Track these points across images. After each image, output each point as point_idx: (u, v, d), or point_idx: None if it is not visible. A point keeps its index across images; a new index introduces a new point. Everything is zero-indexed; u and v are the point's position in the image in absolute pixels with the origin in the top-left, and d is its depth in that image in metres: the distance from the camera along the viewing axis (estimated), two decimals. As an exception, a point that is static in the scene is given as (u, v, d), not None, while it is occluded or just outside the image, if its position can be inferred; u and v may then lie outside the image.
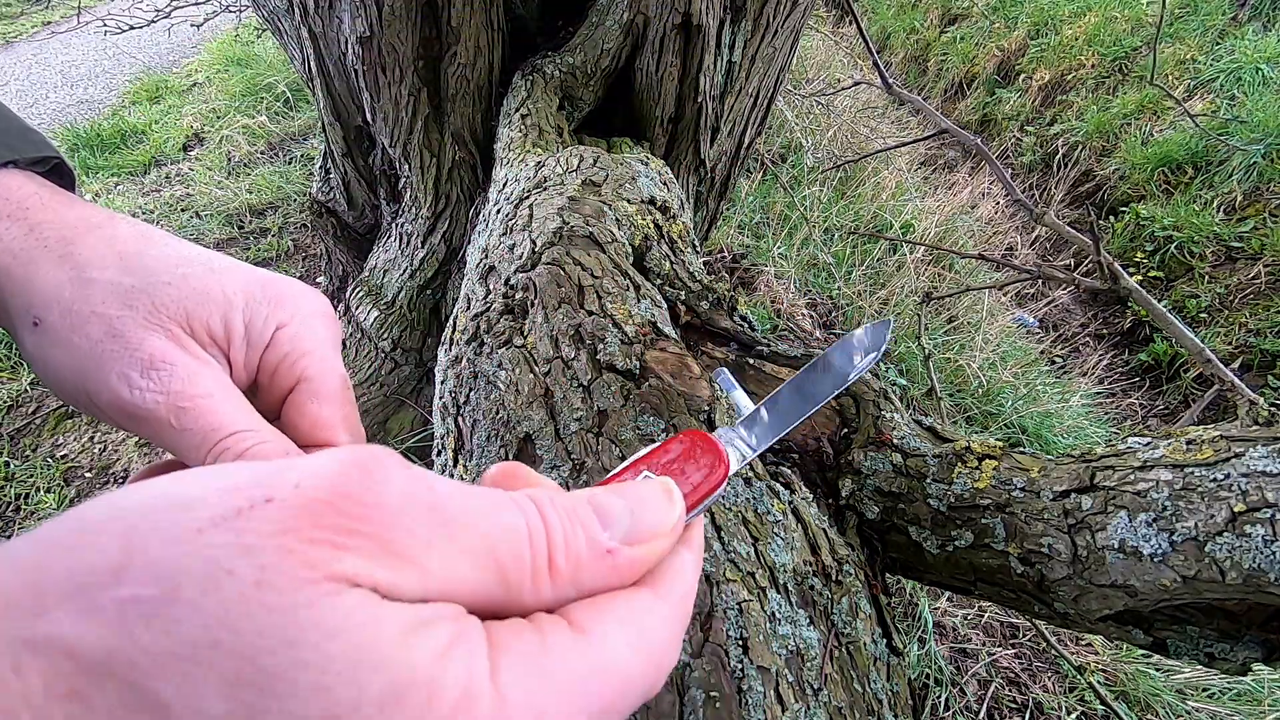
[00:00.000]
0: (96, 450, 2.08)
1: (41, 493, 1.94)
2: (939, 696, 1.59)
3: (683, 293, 0.86)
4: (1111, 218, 4.19)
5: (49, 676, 0.14)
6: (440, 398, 0.76)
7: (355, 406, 0.35)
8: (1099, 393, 3.23)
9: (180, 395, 0.29)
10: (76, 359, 0.29)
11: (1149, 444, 0.59)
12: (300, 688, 0.15)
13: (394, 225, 1.81)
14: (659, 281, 0.86)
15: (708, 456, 0.27)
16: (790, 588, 0.56)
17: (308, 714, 0.15)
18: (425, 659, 0.16)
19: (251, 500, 0.16)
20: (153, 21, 3.43)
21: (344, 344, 1.98)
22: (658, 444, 0.28)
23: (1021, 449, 0.68)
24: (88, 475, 2.02)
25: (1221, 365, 1.16)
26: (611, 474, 0.26)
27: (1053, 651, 1.64)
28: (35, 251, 0.30)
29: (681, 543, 0.25)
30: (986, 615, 1.82)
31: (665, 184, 1.06)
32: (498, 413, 0.67)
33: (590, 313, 0.71)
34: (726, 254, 2.92)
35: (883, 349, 0.32)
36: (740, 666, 0.49)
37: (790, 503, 0.63)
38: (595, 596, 0.21)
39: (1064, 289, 3.85)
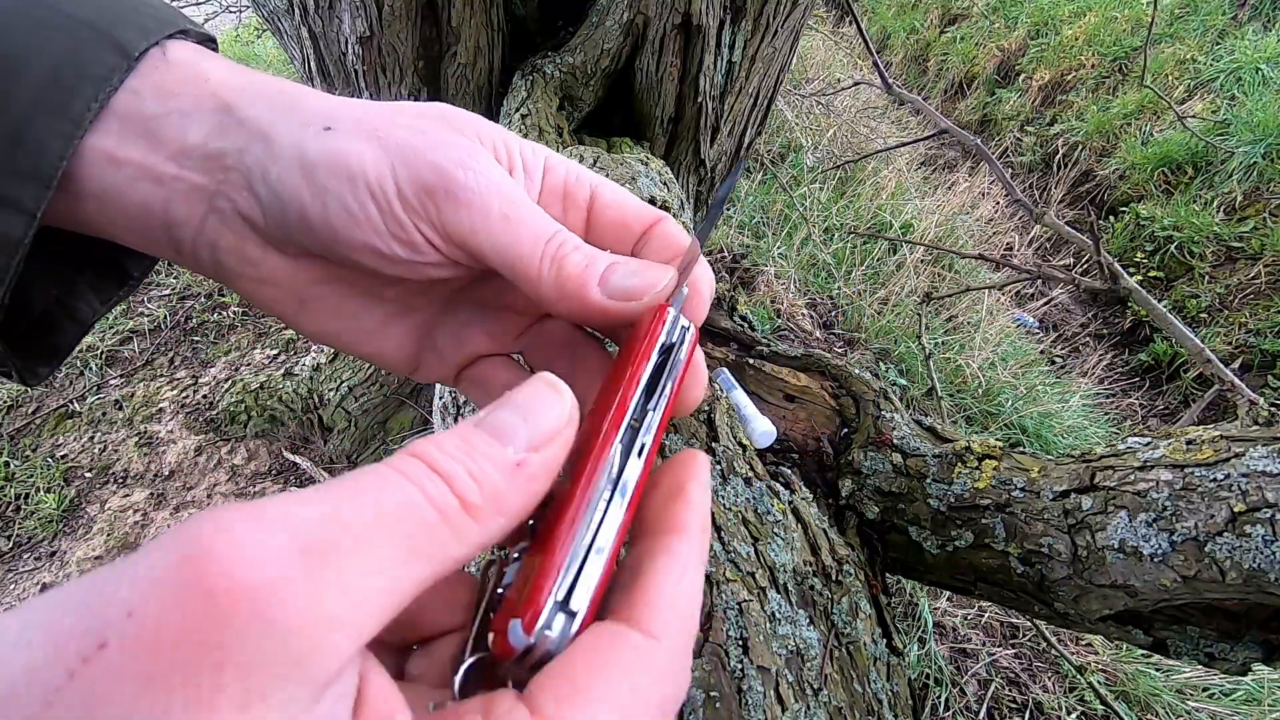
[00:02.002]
0: (96, 450, 2.08)
1: (41, 493, 1.94)
2: (939, 696, 1.59)
3: (683, 293, 0.86)
4: (1111, 218, 4.19)
5: None
6: (440, 398, 0.76)
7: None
8: (1099, 393, 3.23)
9: (510, 191, 0.25)
10: (381, 149, 0.25)
11: (1149, 444, 0.59)
12: None
13: (394, 225, 1.81)
14: (659, 281, 0.86)
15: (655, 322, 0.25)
16: (790, 588, 0.56)
17: None
18: None
19: (82, 652, 0.13)
20: (153, 21, 3.42)
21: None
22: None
23: (1021, 449, 0.68)
24: (88, 475, 2.02)
25: (1221, 365, 1.16)
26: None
27: (1053, 651, 1.64)
28: (286, 91, 0.26)
29: (672, 531, 0.22)
30: (986, 615, 1.82)
31: (665, 184, 1.06)
32: (498, 413, 0.67)
33: (590, 313, 0.71)
34: (726, 254, 2.92)
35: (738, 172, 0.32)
36: (740, 666, 0.49)
37: (790, 503, 0.63)
38: (567, 673, 0.18)
39: (1064, 289, 3.85)
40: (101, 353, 2.32)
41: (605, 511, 0.21)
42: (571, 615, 0.20)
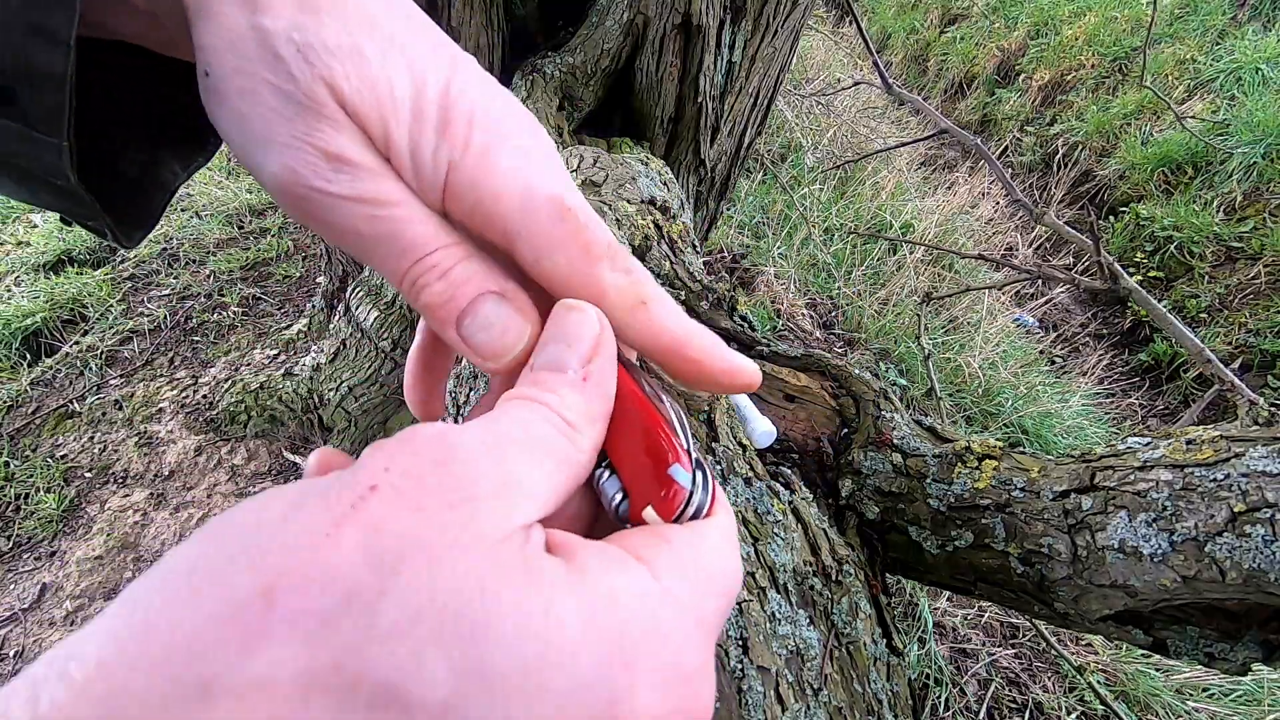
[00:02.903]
0: (96, 450, 2.08)
1: (41, 493, 1.94)
2: (939, 696, 1.59)
3: (683, 293, 0.86)
4: (1111, 218, 4.19)
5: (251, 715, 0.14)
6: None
7: (601, 227, 0.26)
8: (1099, 393, 3.23)
9: (371, 202, 0.23)
10: (245, 126, 0.23)
11: (1149, 444, 0.59)
12: (507, 630, 0.16)
13: (394, 225, 1.81)
14: (659, 282, 0.86)
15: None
16: (790, 588, 0.56)
17: (524, 652, 0.16)
18: (594, 578, 0.18)
19: (355, 497, 0.16)
20: (153, 21, 3.42)
21: (344, 344, 1.98)
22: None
23: (1021, 449, 0.68)
24: (88, 475, 2.02)
25: (1221, 365, 1.16)
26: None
27: (1053, 651, 1.64)
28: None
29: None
30: (986, 615, 1.82)
31: (665, 184, 1.06)
32: (498, 413, 0.67)
33: (590, 313, 0.71)
34: (726, 254, 2.92)
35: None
36: (740, 666, 0.49)
37: (790, 503, 0.63)
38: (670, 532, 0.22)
39: (1064, 289, 3.85)
40: (101, 353, 2.32)
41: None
42: (700, 465, 0.23)
